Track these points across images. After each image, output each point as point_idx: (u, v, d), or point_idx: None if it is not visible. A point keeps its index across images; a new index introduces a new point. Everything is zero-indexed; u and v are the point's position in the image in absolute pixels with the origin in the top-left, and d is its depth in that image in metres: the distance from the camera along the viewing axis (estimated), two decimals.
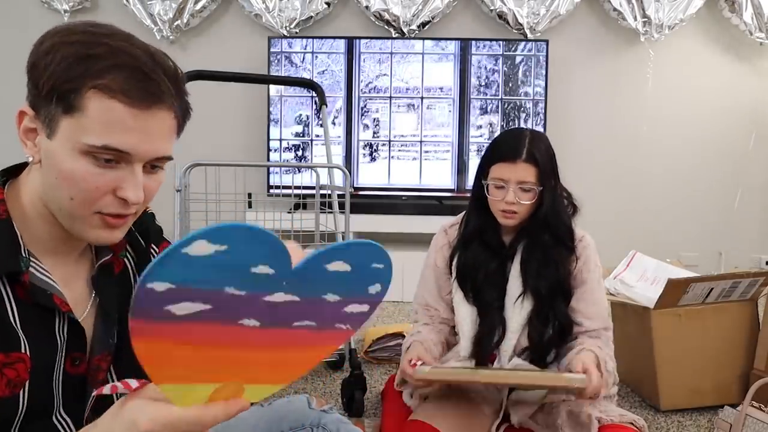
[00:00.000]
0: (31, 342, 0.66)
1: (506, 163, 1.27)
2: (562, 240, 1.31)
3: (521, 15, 3.50)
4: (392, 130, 3.50)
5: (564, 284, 1.30)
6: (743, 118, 3.72)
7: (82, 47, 0.62)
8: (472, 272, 1.35)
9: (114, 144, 0.62)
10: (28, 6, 3.54)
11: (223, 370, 0.49)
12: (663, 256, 2.21)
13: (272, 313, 0.48)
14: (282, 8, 3.52)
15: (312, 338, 0.52)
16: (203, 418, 0.49)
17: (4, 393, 0.63)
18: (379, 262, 0.52)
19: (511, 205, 1.27)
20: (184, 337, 0.45)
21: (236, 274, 0.45)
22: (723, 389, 1.82)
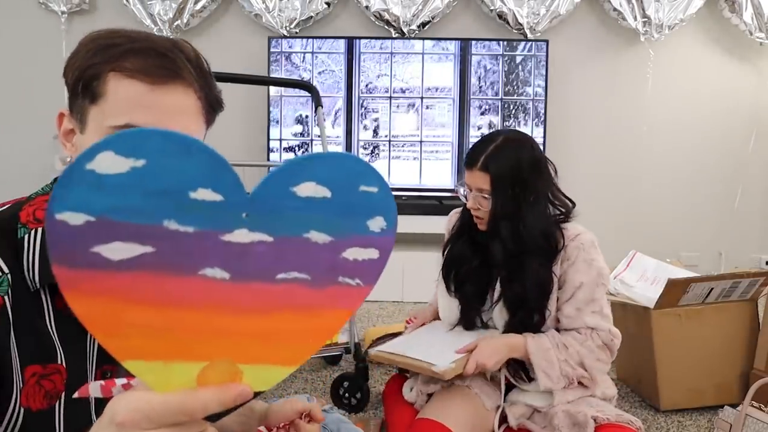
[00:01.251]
0: (67, 353, 0.66)
1: (467, 170, 1.34)
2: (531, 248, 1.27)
3: (521, 15, 3.50)
4: (392, 130, 3.50)
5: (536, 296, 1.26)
6: (743, 118, 3.73)
7: (104, 40, 0.64)
8: (455, 266, 1.39)
9: (135, 122, 0.61)
10: (25, 7, 3.54)
11: (204, 343, 0.38)
12: (663, 256, 2.21)
13: (241, 259, 0.38)
14: (282, 8, 3.52)
15: (310, 297, 0.40)
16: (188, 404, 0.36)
17: (42, 405, 0.63)
18: (367, 184, 0.40)
19: (475, 210, 1.32)
20: (133, 294, 0.36)
21: (171, 201, 0.35)
22: (723, 389, 1.82)
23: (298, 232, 0.39)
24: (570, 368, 1.22)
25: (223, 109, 0.74)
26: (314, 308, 0.41)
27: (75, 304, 0.35)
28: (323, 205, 0.39)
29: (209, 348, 0.39)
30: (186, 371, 0.38)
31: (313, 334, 0.41)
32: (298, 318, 0.40)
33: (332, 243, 0.40)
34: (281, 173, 0.38)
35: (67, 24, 3.51)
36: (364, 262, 0.41)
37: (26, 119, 3.54)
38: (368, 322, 2.81)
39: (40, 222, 0.65)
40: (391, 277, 3.21)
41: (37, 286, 0.63)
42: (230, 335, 0.39)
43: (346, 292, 0.41)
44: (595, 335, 1.25)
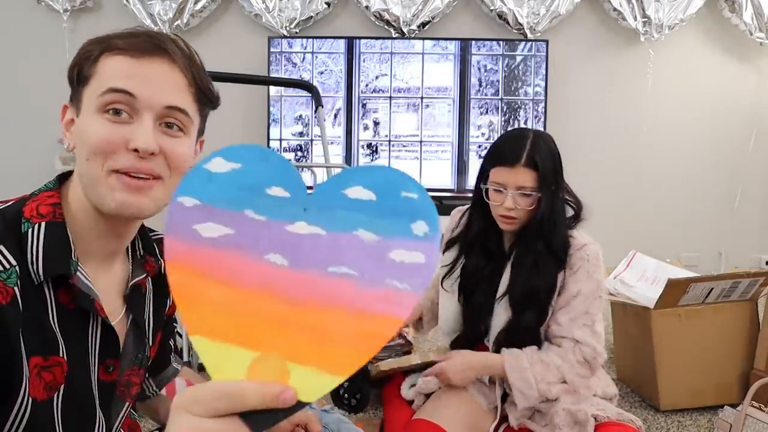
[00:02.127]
0: (69, 347, 0.66)
1: (505, 168, 1.23)
2: (554, 251, 1.26)
3: (521, 15, 3.50)
4: (392, 130, 3.50)
5: (539, 297, 1.26)
6: (743, 118, 3.73)
7: (103, 35, 0.68)
8: (470, 278, 1.33)
9: (117, 85, 0.64)
10: (25, 7, 3.54)
11: (261, 330, 0.43)
12: (663, 256, 2.21)
13: (298, 248, 0.44)
14: (282, 8, 3.52)
15: (360, 296, 0.43)
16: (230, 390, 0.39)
17: (42, 396, 0.64)
18: (408, 190, 0.45)
19: (510, 210, 1.23)
20: (211, 270, 0.43)
21: (254, 193, 0.45)
22: (723, 389, 1.82)
23: (348, 229, 0.45)
24: (546, 386, 1.21)
25: (219, 103, 0.75)
26: (365, 310, 0.43)
27: (170, 271, 0.43)
28: (369, 206, 0.45)
29: (264, 336, 0.42)
30: (240, 358, 0.42)
31: (364, 339, 0.43)
32: (349, 319, 0.43)
33: (379, 242, 0.44)
34: (335, 179, 0.46)
35: (69, 23, 3.51)
36: (411, 266, 0.44)
37: (27, 119, 3.54)
38: None
39: (44, 217, 0.66)
40: None
41: (41, 278, 0.64)
42: (285, 325, 0.43)
43: (395, 296, 0.43)
44: (577, 349, 1.23)
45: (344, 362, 0.43)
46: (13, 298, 0.61)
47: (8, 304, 0.60)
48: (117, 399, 0.75)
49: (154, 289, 0.82)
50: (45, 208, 0.67)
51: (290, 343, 0.42)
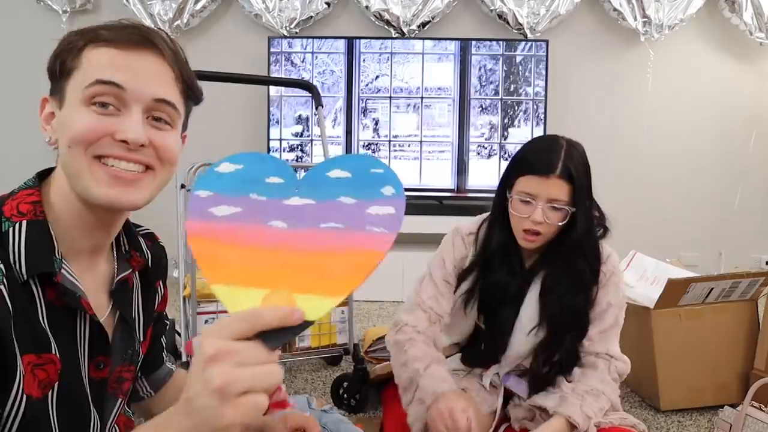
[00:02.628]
0: (59, 344, 0.66)
1: (537, 177, 1.12)
2: (593, 268, 1.19)
3: (521, 15, 3.50)
4: (392, 130, 3.50)
5: (582, 317, 1.20)
6: (743, 118, 3.73)
7: (88, 27, 0.67)
8: (491, 296, 1.23)
9: (105, 77, 0.64)
10: (25, 7, 3.54)
11: (268, 274, 0.52)
12: (663, 256, 2.21)
13: (295, 215, 0.57)
14: (282, 8, 3.52)
15: (347, 239, 0.55)
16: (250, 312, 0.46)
17: (37, 394, 0.63)
18: (375, 167, 0.60)
19: (538, 225, 1.13)
20: (226, 238, 0.55)
21: (255, 183, 0.59)
22: (723, 389, 1.82)
23: (333, 197, 0.58)
24: (602, 415, 1.17)
25: (203, 99, 0.75)
26: (351, 248, 0.54)
27: (193, 243, 0.54)
28: (347, 181, 0.59)
29: (272, 277, 0.52)
30: (253, 295, 0.51)
31: (353, 268, 0.53)
32: (339, 256, 0.54)
33: (357, 203, 0.57)
34: (317, 167, 0.60)
35: (68, 23, 3.51)
36: (385, 216, 0.56)
37: (26, 119, 3.54)
38: (368, 322, 2.81)
39: (24, 215, 0.66)
40: (391, 277, 3.21)
41: (25, 277, 0.63)
42: (288, 267, 0.53)
43: (374, 236, 0.55)
44: (612, 367, 1.21)
45: (340, 287, 0.52)
46: (0, 296, 0.61)
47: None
48: (109, 396, 0.74)
49: (141, 284, 0.81)
50: (25, 206, 0.66)
51: (294, 279, 0.52)
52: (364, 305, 3.08)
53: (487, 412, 1.28)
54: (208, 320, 1.81)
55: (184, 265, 1.77)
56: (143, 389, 0.90)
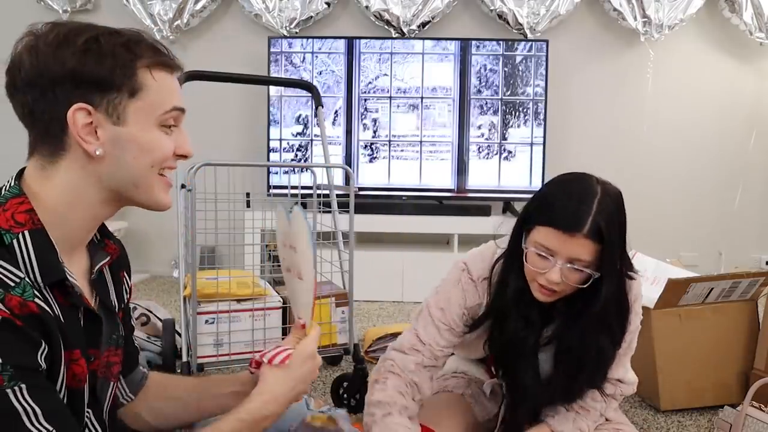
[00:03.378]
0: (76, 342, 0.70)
1: (559, 232, 0.97)
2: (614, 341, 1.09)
3: (521, 15, 3.50)
4: (392, 130, 3.50)
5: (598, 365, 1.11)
6: (743, 118, 3.72)
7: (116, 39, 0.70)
8: (506, 347, 1.13)
9: (180, 104, 0.75)
10: (25, 6, 3.54)
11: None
12: (663, 256, 2.21)
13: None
14: (282, 8, 3.52)
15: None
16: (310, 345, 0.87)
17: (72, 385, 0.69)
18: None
19: (554, 284, 1.00)
20: None
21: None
22: (723, 389, 1.82)
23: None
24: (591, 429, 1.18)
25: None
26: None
27: None
28: None
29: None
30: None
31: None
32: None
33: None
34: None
35: None
36: None
37: None
38: (368, 322, 2.81)
39: (23, 225, 0.66)
40: (391, 277, 3.21)
41: (41, 286, 0.65)
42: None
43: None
44: (618, 391, 1.19)
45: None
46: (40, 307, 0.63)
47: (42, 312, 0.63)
48: (102, 381, 0.78)
49: (111, 275, 0.84)
50: (21, 216, 0.67)
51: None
52: (364, 305, 3.08)
53: (484, 419, 1.28)
54: (209, 320, 1.81)
55: (184, 264, 1.76)
56: (123, 394, 0.93)
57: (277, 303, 1.93)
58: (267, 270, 2.37)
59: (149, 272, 3.65)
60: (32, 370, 0.62)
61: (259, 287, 1.90)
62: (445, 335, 1.14)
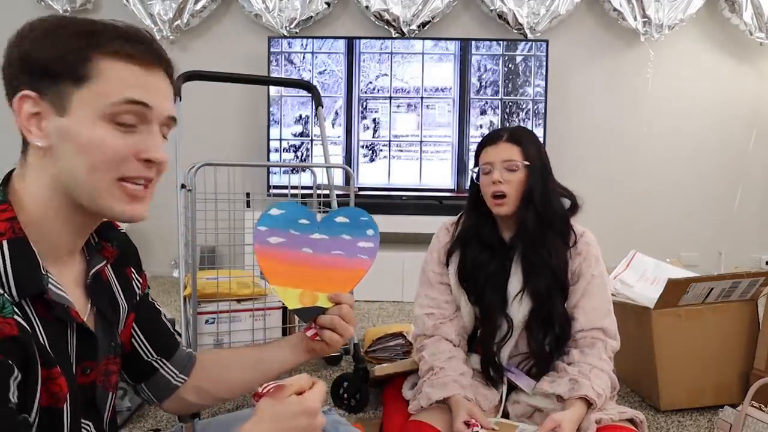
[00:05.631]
0: (58, 356, 0.65)
1: (490, 146, 1.31)
2: (555, 227, 1.30)
3: (521, 15, 3.50)
4: (392, 130, 3.50)
5: (561, 279, 1.29)
6: (743, 118, 3.73)
7: (81, 26, 0.66)
8: (473, 274, 1.33)
9: (135, 96, 0.65)
10: (26, 6, 3.54)
11: (301, 280, 0.91)
12: (663, 256, 2.21)
13: (316, 245, 0.94)
14: (282, 8, 3.52)
15: (346, 262, 0.95)
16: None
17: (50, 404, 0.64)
18: (363, 216, 0.98)
19: (498, 184, 1.27)
20: (278, 257, 0.92)
21: (292, 223, 0.95)
22: (723, 389, 1.82)
23: (338, 234, 0.96)
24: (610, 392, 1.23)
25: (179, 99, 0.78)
26: (347, 267, 0.95)
27: (260, 261, 0.91)
28: (346, 225, 0.97)
29: (303, 283, 0.91)
30: (294, 293, 0.90)
31: (348, 279, 0.94)
32: (341, 270, 0.94)
33: (352, 240, 0.96)
34: (329, 215, 0.98)
35: None
36: (368, 248, 0.97)
37: None
38: (368, 322, 2.81)
39: (3, 234, 0.63)
40: (391, 277, 3.21)
41: (17, 299, 0.61)
42: (314, 278, 0.92)
43: (362, 261, 0.96)
44: (609, 346, 1.27)
45: (340, 289, 0.92)
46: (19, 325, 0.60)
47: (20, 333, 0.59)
48: (100, 391, 0.74)
49: (115, 275, 0.81)
50: (2, 225, 0.63)
51: (315, 283, 0.91)
52: (364, 305, 3.08)
53: (487, 408, 1.29)
54: (209, 320, 1.81)
55: (185, 264, 1.76)
56: (173, 376, 0.90)
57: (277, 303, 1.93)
58: None
59: (149, 272, 3.63)
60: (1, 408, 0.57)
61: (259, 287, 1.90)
62: (439, 288, 1.39)
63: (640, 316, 1.83)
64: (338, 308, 0.90)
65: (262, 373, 0.93)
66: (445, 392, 1.22)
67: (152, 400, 0.91)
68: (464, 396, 1.21)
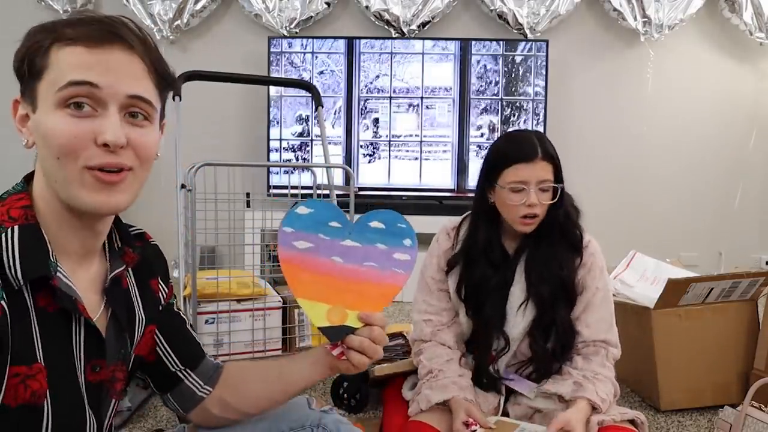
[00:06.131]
0: (50, 350, 0.65)
1: (524, 164, 1.20)
2: (572, 241, 1.27)
3: (521, 15, 3.50)
4: (392, 130, 3.50)
5: (567, 288, 1.26)
6: (743, 118, 3.73)
7: (47, 24, 0.66)
8: (474, 291, 1.30)
9: (77, 77, 0.62)
10: (26, 6, 3.54)
11: (330, 294, 0.81)
12: (663, 256, 2.21)
13: (347, 254, 0.83)
14: (282, 8, 3.52)
15: (379, 276, 0.83)
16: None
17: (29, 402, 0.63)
18: (401, 223, 0.87)
19: (534, 207, 1.20)
20: (303, 264, 0.81)
21: (322, 226, 0.84)
22: (723, 389, 1.82)
23: (372, 243, 0.85)
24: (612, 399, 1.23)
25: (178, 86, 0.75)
26: (381, 282, 0.84)
27: (284, 267, 0.81)
28: (382, 231, 0.86)
29: (332, 297, 0.81)
30: (321, 308, 0.80)
31: (381, 296, 0.83)
32: (374, 286, 0.83)
33: (388, 250, 0.85)
34: (363, 217, 0.86)
35: None
36: (404, 261, 0.85)
37: None
38: None
39: (16, 220, 0.64)
40: None
41: (21, 283, 0.62)
42: (342, 291, 0.82)
43: (397, 275, 0.84)
44: (610, 354, 1.27)
45: (372, 307, 0.82)
46: (3, 311, 0.60)
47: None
48: (105, 397, 0.74)
49: (137, 282, 0.80)
50: (16, 212, 0.65)
51: (345, 299, 0.81)
52: None
53: (487, 410, 1.28)
54: (209, 320, 1.81)
55: (184, 264, 1.76)
56: (198, 387, 0.88)
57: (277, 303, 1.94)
58: (267, 270, 2.37)
59: None
60: None
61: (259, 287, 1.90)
62: (438, 295, 1.35)
63: (640, 316, 1.83)
64: (369, 330, 0.80)
65: (285, 387, 0.89)
66: (444, 394, 1.22)
67: (178, 410, 0.90)
68: (464, 397, 1.21)
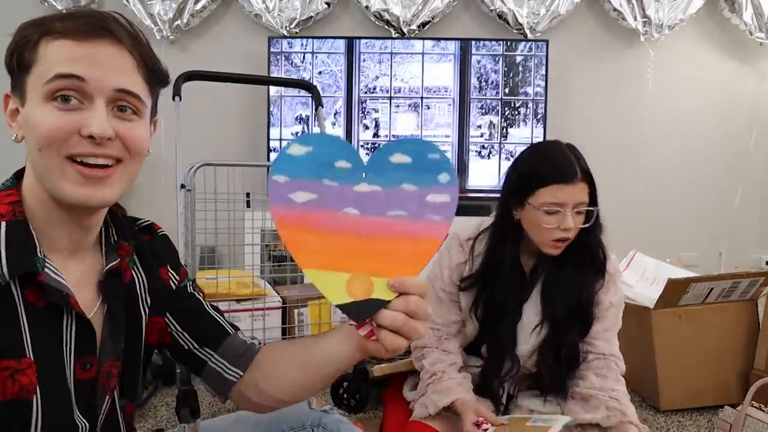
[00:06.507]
0: (39, 346, 0.65)
1: (562, 185, 1.11)
2: (598, 265, 1.22)
3: (521, 15, 3.50)
4: (392, 130, 3.50)
5: (584, 311, 1.22)
6: (743, 118, 3.73)
7: (36, 19, 0.67)
8: (492, 311, 1.25)
9: (64, 70, 0.62)
10: (29, 5, 3.54)
11: (348, 259, 0.61)
12: (663, 256, 2.21)
13: (365, 202, 0.63)
14: (282, 8, 3.52)
15: (411, 227, 0.63)
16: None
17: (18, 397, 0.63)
18: (432, 153, 0.64)
19: (568, 231, 1.12)
20: (307, 223, 0.61)
21: (326, 168, 0.62)
22: (723, 389, 1.82)
23: (396, 184, 0.63)
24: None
25: (170, 81, 0.74)
26: (414, 235, 0.63)
27: (281, 231, 0.61)
28: (408, 167, 0.63)
29: (351, 262, 0.61)
30: (339, 279, 0.61)
31: (416, 255, 0.63)
32: (404, 242, 0.63)
33: (418, 191, 0.63)
34: (381, 150, 0.64)
35: None
36: (442, 204, 0.63)
37: None
38: None
39: (3, 216, 0.65)
40: None
41: (7, 278, 0.62)
42: (363, 253, 0.62)
43: (433, 225, 0.63)
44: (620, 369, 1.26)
45: (406, 271, 0.62)
46: None
47: None
48: (98, 392, 0.73)
49: (145, 274, 0.80)
50: (4, 207, 0.66)
51: (369, 264, 0.62)
52: None
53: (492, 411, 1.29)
54: None
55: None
56: (223, 368, 0.82)
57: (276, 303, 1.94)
58: (267, 270, 2.37)
59: None
60: None
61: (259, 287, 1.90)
62: (449, 305, 1.28)
63: (640, 316, 1.83)
64: (404, 301, 0.62)
65: (315, 371, 0.79)
66: (450, 397, 1.19)
67: (215, 395, 0.85)
68: (470, 398, 1.20)
